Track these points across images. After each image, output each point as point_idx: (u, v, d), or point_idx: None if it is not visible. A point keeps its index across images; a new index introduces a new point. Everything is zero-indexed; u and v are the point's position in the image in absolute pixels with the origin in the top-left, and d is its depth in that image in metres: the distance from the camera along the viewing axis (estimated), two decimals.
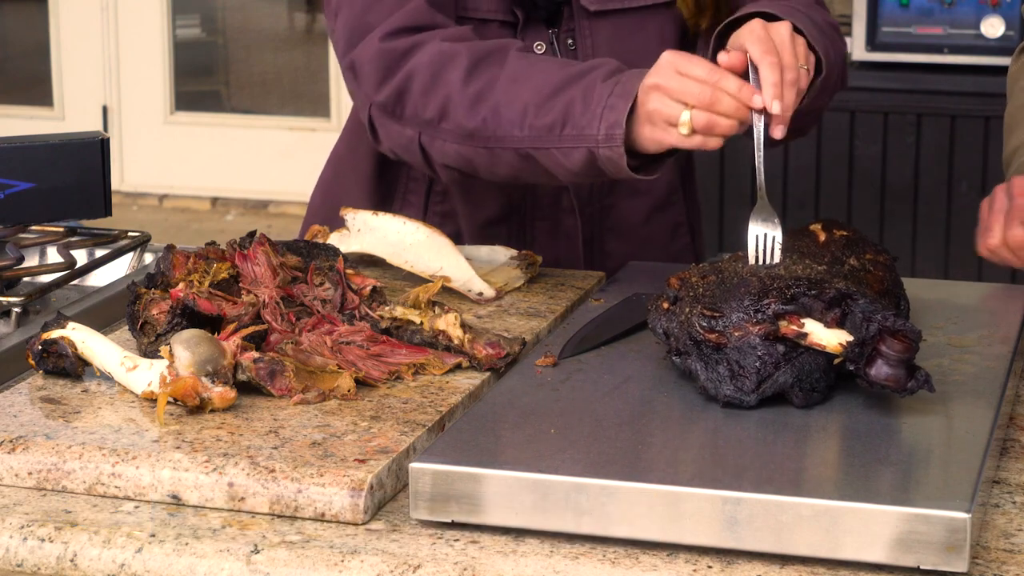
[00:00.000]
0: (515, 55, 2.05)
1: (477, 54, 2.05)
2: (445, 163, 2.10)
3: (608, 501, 1.45)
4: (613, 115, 1.92)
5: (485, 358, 1.82)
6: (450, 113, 2.05)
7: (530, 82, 2.00)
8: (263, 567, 1.45)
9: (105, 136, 2.30)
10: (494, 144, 2.03)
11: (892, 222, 4.25)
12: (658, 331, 1.75)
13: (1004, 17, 4.11)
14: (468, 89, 2.03)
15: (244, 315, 1.82)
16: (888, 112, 4.17)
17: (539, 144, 1.99)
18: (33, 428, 1.65)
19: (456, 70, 2.04)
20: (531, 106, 1.99)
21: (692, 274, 1.78)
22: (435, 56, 2.06)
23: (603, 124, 1.93)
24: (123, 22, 6.93)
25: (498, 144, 2.02)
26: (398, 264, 2.13)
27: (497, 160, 2.05)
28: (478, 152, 2.05)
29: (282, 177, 6.84)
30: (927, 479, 1.50)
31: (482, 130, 2.03)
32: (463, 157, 2.07)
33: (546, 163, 2.01)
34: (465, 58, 2.04)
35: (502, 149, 2.03)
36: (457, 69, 2.04)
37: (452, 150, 2.07)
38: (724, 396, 1.65)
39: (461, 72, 2.03)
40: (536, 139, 1.99)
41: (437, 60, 2.05)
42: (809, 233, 1.90)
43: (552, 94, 1.98)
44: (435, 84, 2.05)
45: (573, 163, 1.98)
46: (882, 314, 1.63)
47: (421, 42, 2.08)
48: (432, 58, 2.06)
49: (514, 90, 2.01)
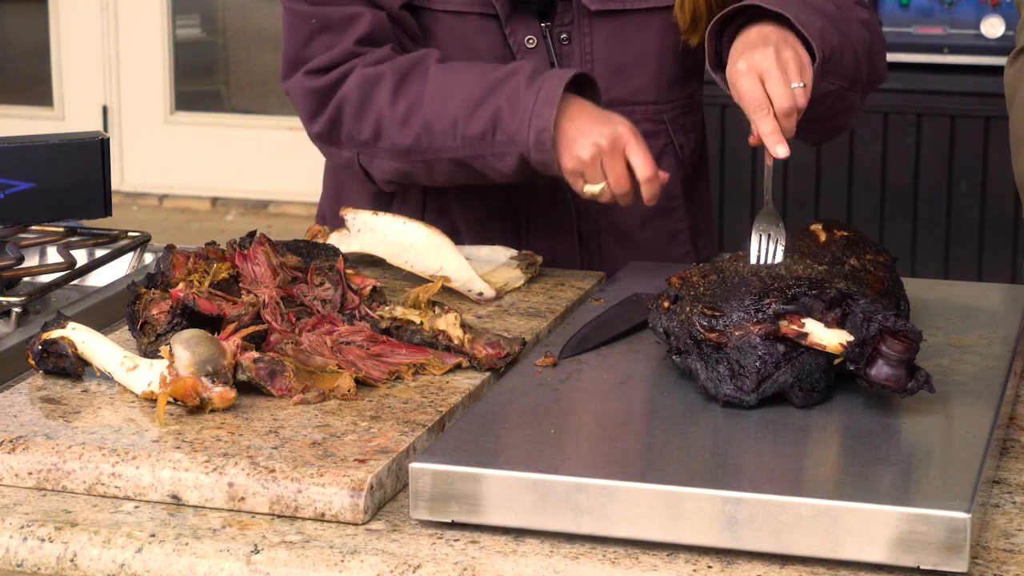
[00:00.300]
0: (436, 68, 2.11)
1: (400, 71, 2.12)
2: (384, 178, 2.19)
3: (608, 501, 1.45)
4: (540, 121, 2.01)
5: (485, 358, 1.82)
6: (383, 133, 2.13)
7: (455, 94, 2.08)
8: (263, 567, 1.45)
9: (105, 136, 2.30)
10: (430, 157, 2.11)
11: (892, 222, 4.25)
12: (658, 330, 1.75)
13: (1004, 17, 4.11)
14: (397, 108, 2.11)
15: (244, 315, 1.82)
16: (888, 112, 4.17)
17: (473, 152, 2.08)
18: (33, 428, 1.65)
19: (383, 91, 2.12)
20: (460, 117, 2.07)
21: (693, 273, 1.78)
22: (360, 81, 2.13)
23: (532, 131, 2.01)
24: (123, 22, 6.93)
25: (434, 156, 2.11)
26: (398, 264, 2.13)
27: (434, 171, 2.13)
28: (415, 165, 2.13)
29: (282, 177, 6.83)
30: (927, 479, 1.50)
31: (417, 145, 2.11)
32: (400, 171, 2.16)
33: (481, 168, 2.09)
34: (390, 78, 2.11)
35: (438, 161, 2.11)
36: (384, 90, 2.11)
37: (390, 166, 2.16)
38: (724, 396, 1.65)
39: (388, 92, 2.11)
40: (469, 147, 2.08)
41: (363, 84, 2.13)
42: (810, 233, 1.90)
43: (479, 103, 2.06)
44: (365, 107, 2.13)
45: (507, 167, 2.07)
46: (883, 314, 1.63)
47: (346, 73, 2.15)
48: (358, 83, 2.13)
49: (441, 103, 2.08)
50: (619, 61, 2.21)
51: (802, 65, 1.94)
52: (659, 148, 2.26)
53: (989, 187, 4.17)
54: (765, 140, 1.91)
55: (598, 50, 2.20)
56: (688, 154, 2.30)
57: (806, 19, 1.98)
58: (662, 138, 2.27)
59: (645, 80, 2.23)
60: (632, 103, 2.23)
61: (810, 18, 1.99)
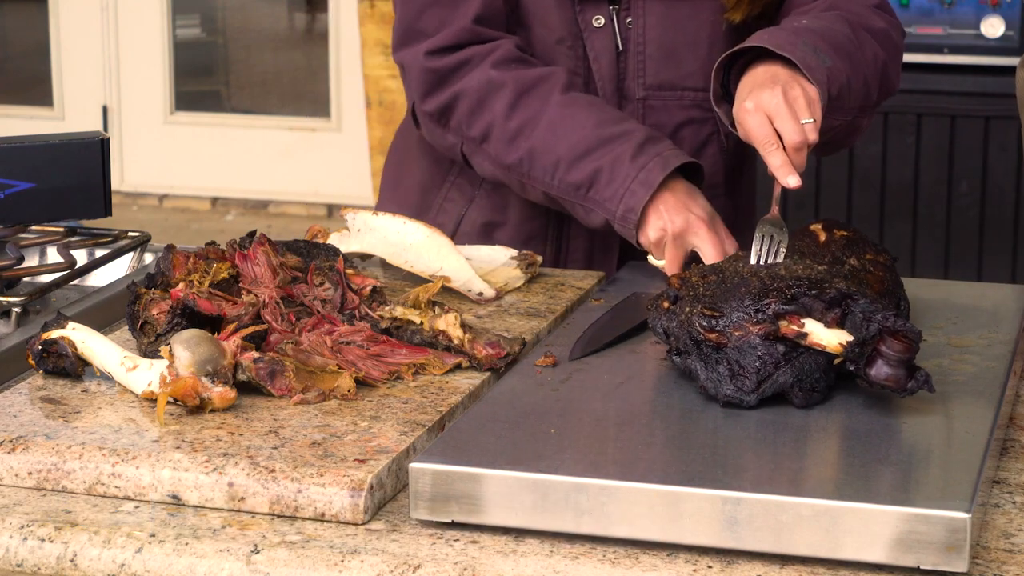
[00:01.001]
0: (557, 98, 2.17)
1: (522, 86, 2.18)
2: (484, 175, 2.25)
3: (608, 501, 1.45)
4: (632, 200, 2.09)
5: (485, 358, 1.82)
6: (491, 140, 2.19)
7: (567, 134, 2.15)
8: (263, 567, 1.45)
9: (105, 136, 2.30)
10: (527, 181, 2.19)
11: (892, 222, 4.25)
12: (658, 331, 1.75)
13: (1004, 17, 4.11)
14: (509, 123, 2.17)
15: (244, 315, 1.82)
16: (888, 112, 4.17)
17: (565, 196, 2.17)
18: (33, 428, 1.65)
19: (501, 100, 2.18)
20: (563, 161, 2.14)
21: (692, 273, 1.78)
22: (482, 83, 2.19)
23: (622, 205, 2.10)
24: (123, 22, 6.93)
25: (530, 182, 2.19)
26: (398, 264, 2.13)
27: (528, 191, 2.22)
28: (511, 180, 2.21)
29: (282, 177, 6.84)
30: (927, 479, 1.50)
31: (518, 166, 2.18)
32: (498, 179, 2.23)
33: (570, 210, 2.18)
34: (511, 90, 2.18)
35: (532, 186, 2.19)
36: (502, 100, 2.18)
37: (489, 170, 2.23)
38: (724, 396, 1.65)
39: (505, 104, 2.17)
40: (563, 191, 2.16)
41: (484, 87, 2.19)
42: (809, 233, 1.90)
43: (584, 155, 2.13)
44: (480, 109, 2.19)
45: (594, 221, 2.16)
46: (882, 314, 1.63)
47: (468, 61, 2.21)
48: (479, 84, 2.19)
49: (551, 139, 2.15)
50: (671, 44, 2.25)
51: (810, 101, 1.98)
52: (705, 136, 2.31)
53: (989, 187, 4.17)
54: (776, 174, 1.95)
55: (650, 32, 2.25)
56: (733, 143, 2.31)
57: (814, 62, 2.01)
58: (708, 126, 2.30)
59: (695, 65, 2.26)
60: (681, 88, 2.27)
61: (819, 60, 2.01)
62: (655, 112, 2.27)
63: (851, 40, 2.11)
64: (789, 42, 2.02)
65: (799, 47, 2.01)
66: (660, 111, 2.27)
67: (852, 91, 2.08)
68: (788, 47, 2.01)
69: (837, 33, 2.10)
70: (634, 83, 2.26)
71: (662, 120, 2.28)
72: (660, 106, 2.28)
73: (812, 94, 1.98)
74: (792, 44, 2.01)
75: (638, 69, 2.26)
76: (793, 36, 2.04)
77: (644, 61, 2.26)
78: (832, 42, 2.07)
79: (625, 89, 2.27)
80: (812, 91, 1.99)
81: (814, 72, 1.99)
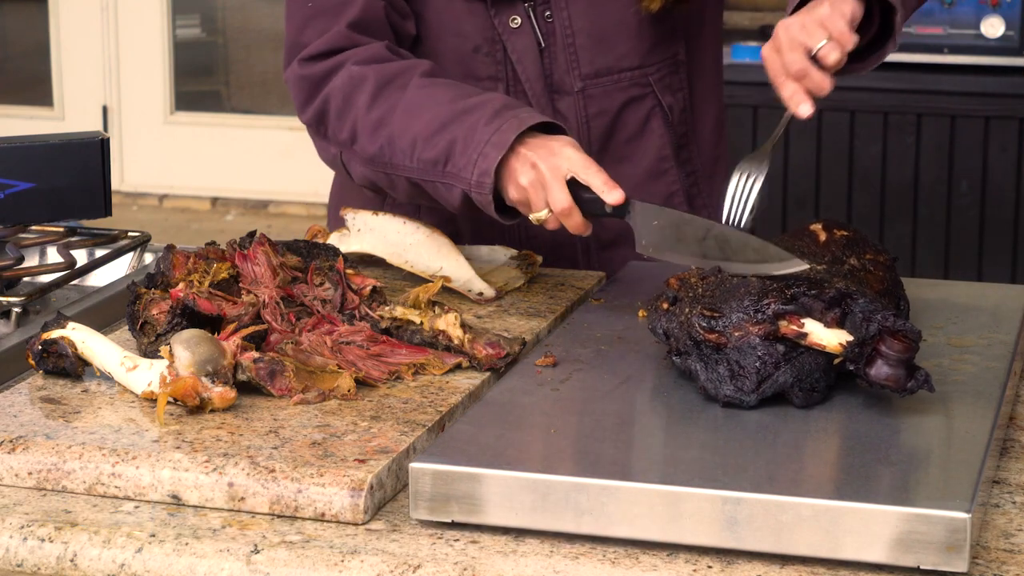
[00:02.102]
0: (416, 82, 2.10)
1: (382, 78, 2.11)
2: (359, 182, 2.19)
3: (608, 501, 1.45)
4: (485, 163, 1.99)
5: (485, 358, 1.82)
6: (358, 137, 2.13)
7: (423, 114, 2.07)
8: (263, 567, 1.45)
9: (105, 136, 2.30)
10: (390, 171, 2.11)
11: (892, 222, 4.25)
12: (658, 331, 1.75)
13: (1004, 17, 4.11)
14: (371, 115, 2.11)
15: (244, 315, 1.82)
16: (888, 112, 4.17)
17: (425, 176, 2.07)
18: (33, 428, 1.65)
19: (363, 95, 2.11)
20: (420, 139, 2.06)
21: (691, 274, 1.78)
22: (346, 80, 2.13)
23: (476, 170, 2.00)
24: (123, 22, 6.93)
25: (393, 171, 2.11)
26: (398, 264, 2.13)
27: (395, 184, 2.13)
28: (379, 175, 2.13)
29: (282, 177, 6.83)
30: (927, 479, 1.50)
31: (380, 156, 2.11)
32: (368, 179, 2.16)
33: (433, 194, 2.09)
34: (371, 83, 2.11)
35: (396, 176, 2.11)
36: (364, 94, 2.11)
37: (360, 171, 2.16)
38: (724, 396, 1.65)
39: (367, 97, 2.11)
40: (423, 171, 2.07)
41: (348, 84, 2.13)
42: (809, 233, 1.90)
43: (439, 129, 2.05)
44: (346, 108, 2.13)
45: (454, 199, 2.06)
46: (882, 314, 1.63)
47: (337, 65, 2.15)
48: (344, 82, 2.13)
49: (408, 121, 2.08)
50: (599, 31, 2.23)
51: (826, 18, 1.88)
52: (647, 111, 2.28)
53: (989, 187, 4.17)
54: (787, 103, 1.89)
55: (577, 22, 2.22)
56: (678, 113, 2.31)
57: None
58: (649, 100, 2.28)
59: (627, 47, 2.24)
60: (617, 71, 2.25)
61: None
62: (595, 100, 2.25)
63: None
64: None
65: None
66: (600, 98, 2.25)
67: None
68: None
69: None
70: (569, 76, 2.23)
71: (604, 106, 2.25)
72: (599, 93, 2.25)
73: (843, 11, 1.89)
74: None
75: (571, 62, 2.22)
76: None
77: (576, 53, 2.22)
78: None
79: (556, 84, 2.23)
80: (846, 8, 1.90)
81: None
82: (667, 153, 2.31)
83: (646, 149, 2.29)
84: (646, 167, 2.29)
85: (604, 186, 1.93)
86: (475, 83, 2.20)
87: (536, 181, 1.97)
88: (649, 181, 2.31)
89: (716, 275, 1.75)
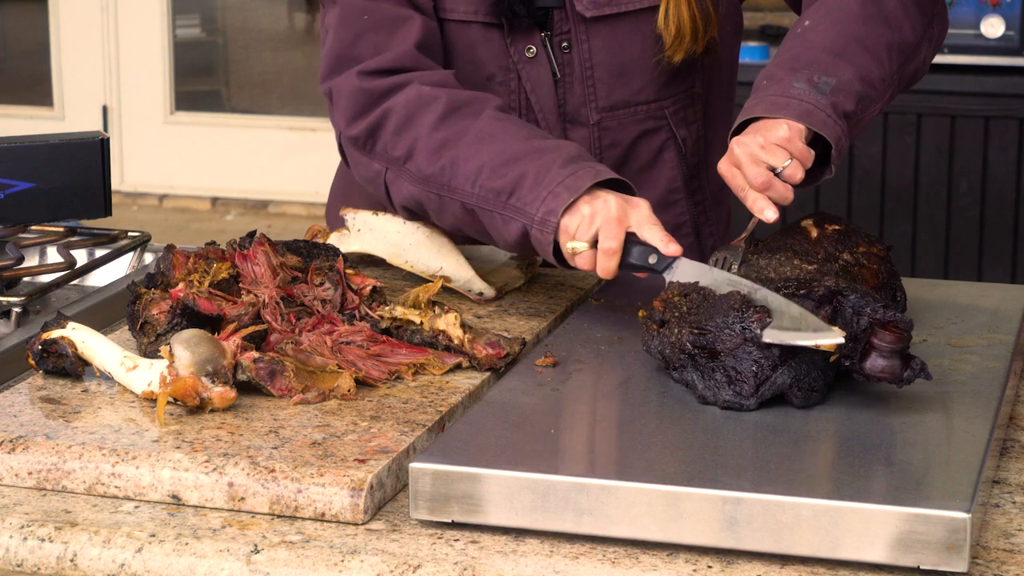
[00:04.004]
0: (490, 113, 2.07)
1: (454, 102, 2.07)
2: (401, 202, 2.12)
3: (608, 501, 1.45)
4: (555, 202, 1.94)
5: (485, 358, 1.82)
6: (415, 155, 2.07)
7: (495, 144, 2.03)
8: (263, 567, 1.45)
9: (105, 136, 2.30)
10: (445, 193, 2.05)
11: (892, 222, 4.25)
12: (653, 351, 1.75)
13: (1004, 17, 4.11)
14: (436, 135, 2.06)
15: (244, 315, 1.82)
16: (888, 112, 4.17)
17: (484, 205, 2.01)
18: (33, 428, 1.65)
19: (430, 114, 2.07)
20: (487, 167, 2.01)
21: (673, 293, 1.77)
22: (413, 98, 2.09)
23: (542, 207, 1.94)
24: (123, 22, 6.93)
25: (448, 194, 2.05)
26: (398, 264, 2.13)
27: (445, 208, 2.07)
28: (429, 197, 2.07)
29: (282, 177, 6.83)
30: (927, 479, 1.50)
31: (438, 176, 2.05)
32: (415, 199, 2.09)
33: (487, 224, 2.03)
34: (442, 103, 2.07)
35: (451, 199, 2.05)
36: (431, 113, 2.07)
37: (407, 190, 2.09)
38: (723, 402, 1.65)
39: (435, 117, 2.06)
40: (483, 199, 2.01)
41: (415, 102, 2.08)
42: (801, 230, 1.90)
43: (510, 161, 2.00)
44: (408, 125, 2.08)
45: (510, 233, 2.00)
46: (871, 307, 1.63)
47: (402, 84, 2.11)
48: (409, 99, 2.09)
49: (477, 148, 2.03)
50: (619, 64, 2.22)
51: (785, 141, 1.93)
52: (661, 142, 2.27)
53: (989, 187, 4.17)
54: (752, 210, 1.91)
55: (597, 56, 2.20)
56: (690, 146, 2.30)
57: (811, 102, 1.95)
58: (663, 133, 2.27)
59: (645, 79, 2.23)
60: (635, 104, 2.24)
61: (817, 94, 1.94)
62: (610, 132, 2.24)
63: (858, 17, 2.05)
64: (782, 94, 1.97)
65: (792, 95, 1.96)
66: (615, 130, 2.24)
67: (873, 80, 2.04)
68: (781, 105, 1.96)
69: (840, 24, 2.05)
70: (586, 108, 2.22)
71: (617, 137, 2.25)
72: (615, 125, 2.24)
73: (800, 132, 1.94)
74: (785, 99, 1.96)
75: (588, 94, 2.22)
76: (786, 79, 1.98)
77: (594, 86, 2.22)
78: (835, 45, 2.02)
79: (570, 114, 2.22)
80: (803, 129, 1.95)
81: (813, 118, 1.95)
82: (678, 185, 2.31)
83: (657, 180, 2.29)
84: (656, 197, 2.28)
85: (662, 239, 1.89)
86: None
87: (596, 213, 1.92)
88: (657, 211, 2.28)
89: (697, 292, 1.75)
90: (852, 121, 2.00)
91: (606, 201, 1.91)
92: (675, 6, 2.17)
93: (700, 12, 2.17)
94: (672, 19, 2.18)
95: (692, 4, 2.17)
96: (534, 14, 2.18)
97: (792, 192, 1.92)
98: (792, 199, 1.93)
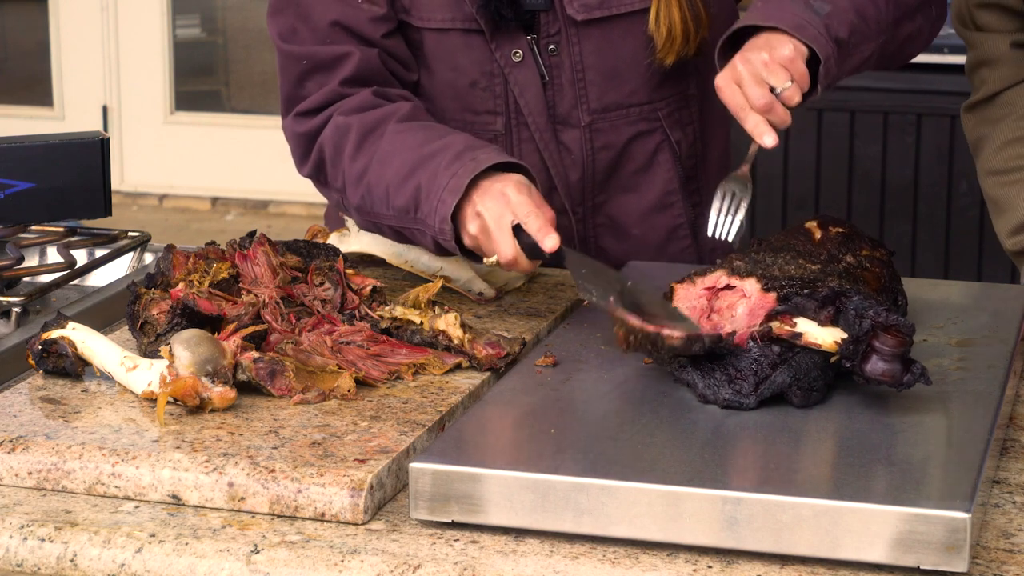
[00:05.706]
0: (392, 128, 2.09)
1: (364, 128, 2.10)
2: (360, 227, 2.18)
3: (608, 501, 1.45)
4: (443, 209, 1.96)
5: (485, 358, 1.82)
6: (346, 188, 2.12)
7: (393, 161, 2.06)
8: (263, 567, 1.45)
9: (105, 136, 2.30)
10: (375, 219, 2.10)
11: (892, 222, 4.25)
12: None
13: None
14: (355, 165, 2.10)
15: (244, 315, 1.82)
16: (888, 112, 4.17)
17: (401, 224, 2.06)
18: (33, 428, 1.65)
19: (349, 145, 2.11)
20: (391, 187, 2.05)
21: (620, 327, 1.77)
22: (332, 131, 2.13)
23: (437, 217, 1.98)
24: (123, 22, 6.93)
25: (377, 219, 2.09)
26: (398, 264, 2.13)
27: (385, 232, 2.12)
28: (368, 224, 2.12)
29: (282, 177, 6.82)
30: (927, 479, 1.50)
31: (365, 205, 2.10)
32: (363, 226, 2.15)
33: (417, 241, 2.07)
34: (355, 132, 2.11)
35: (383, 224, 2.09)
36: (349, 145, 2.11)
37: (357, 218, 2.15)
38: (723, 400, 1.65)
39: (352, 147, 2.11)
40: (398, 219, 2.05)
41: (334, 135, 2.13)
42: (804, 231, 1.90)
43: (407, 176, 2.03)
44: (336, 158, 2.13)
45: (428, 244, 2.04)
46: (874, 310, 1.63)
47: (326, 120, 2.15)
48: (332, 133, 2.13)
49: (381, 169, 2.07)
50: (610, 67, 2.21)
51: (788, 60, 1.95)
52: (655, 145, 2.26)
53: None
54: (752, 134, 1.94)
55: (588, 59, 2.20)
56: (685, 148, 2.30)
57: (806, 18, 1.97)
58: (657, 135, 2.27)
59: (638, 82, 2.23)
60: (627, 106, 2.23)
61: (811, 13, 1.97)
62: (602, 134, 2.23)
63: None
64: (778, 6, 1.99)
65: (788, 7, 1.98)
66: (607, 132, 2.23)
67: (867, 17, 2.04)
68: (776, 14, 1.97)
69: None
70: (577, 111, 2.21)
71: (610, 140, 2.24)
72: (607, 127, 2.23)
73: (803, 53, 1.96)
74: (780, 8, 1.98)
75: (579, 97, 2.21)
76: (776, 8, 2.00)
77: (585, 88, 2.21)
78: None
79: (560, 116, 2.21)
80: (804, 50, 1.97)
81: (805, 31, 1.96)
82: (674, 187, 2.30)
83: (653, 182, 2.28)
84: (652, 200, 2.28)
85: (540, 232, 1.91)
86: (473, 117, 2.20)
87: (482, 230, 1.95)
88: (654, 214, 2.30)
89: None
90: (843, 49, 2.01)
91: (486, 207, 1.93)
92: (666, 8, 2.16)
93: (691, 13, 2.17)
94: (663, 21, 2.17)
95: (683, 5, 2.16)
96: (521, 17, 2.18)
97: (790, 116, 1.94)
98: (790, 123, 1.95)
